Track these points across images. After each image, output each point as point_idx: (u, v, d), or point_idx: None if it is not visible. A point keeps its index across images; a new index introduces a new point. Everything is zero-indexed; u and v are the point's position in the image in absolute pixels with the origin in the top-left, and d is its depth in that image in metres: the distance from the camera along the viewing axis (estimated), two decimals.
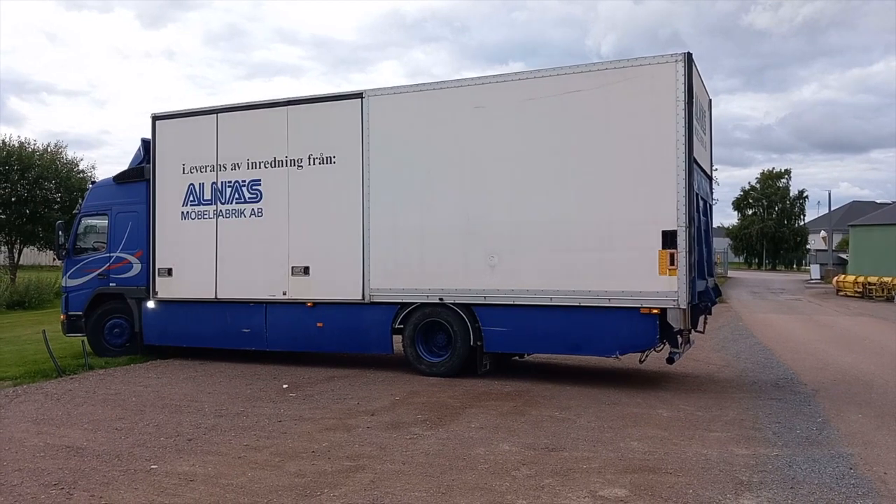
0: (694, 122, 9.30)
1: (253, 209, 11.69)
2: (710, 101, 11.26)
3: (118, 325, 12.91)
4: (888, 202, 59.13)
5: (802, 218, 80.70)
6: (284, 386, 10.06)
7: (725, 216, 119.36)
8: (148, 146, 12.66)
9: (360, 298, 10.89)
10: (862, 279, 32.54)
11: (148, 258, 12.48)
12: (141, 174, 12.71)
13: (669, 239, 9.11)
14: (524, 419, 8.02)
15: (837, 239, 59.17)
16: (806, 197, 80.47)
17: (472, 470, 6.18)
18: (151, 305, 12.48)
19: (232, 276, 11.83)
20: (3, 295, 23.43)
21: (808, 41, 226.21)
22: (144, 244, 12.54)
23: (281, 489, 5.72)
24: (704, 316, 10.66)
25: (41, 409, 8.68)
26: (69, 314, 13.15)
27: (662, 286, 9.14)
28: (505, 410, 8.45)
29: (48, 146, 29.57)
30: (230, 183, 11.85)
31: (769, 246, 79.58)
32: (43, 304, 24.09)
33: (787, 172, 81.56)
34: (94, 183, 16.21)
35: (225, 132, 11.93)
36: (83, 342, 12.36)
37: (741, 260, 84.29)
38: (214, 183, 11.96)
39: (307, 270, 11.27)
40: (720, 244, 55.46)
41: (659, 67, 9.24)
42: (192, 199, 12.13)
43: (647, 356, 10.33)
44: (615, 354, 9.75)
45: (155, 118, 12.47)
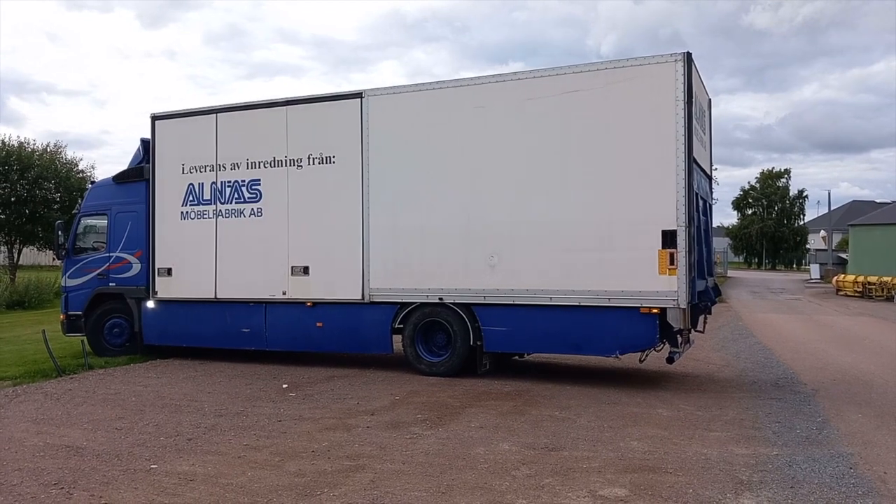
0: (693, 121, 9.30)
1: (252, 209, 11.69)
2: (709, 100, 11.26)
3: (118, 324, 12.91)
4: (888, 202, 59.17)
5: (802, 218, 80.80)
6: (284, 385, 10.06)
7: (725, 216, 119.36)
8: (147, 146, 12.66)
9: (359, 298, 10.89)
10: (862, 279, 32.54)
11: (147, 258, 12.48)
12: (140, 174, 12.71)
13: (669, 238, 9.11)
14: (524, 419, 8.02)
15: (837, 239, 59.16)
16: (806, 197, 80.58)
17: (471, 469, 6.18)
18: (151, 305, 12.48)
19: (231, 275, 11.82)
20: (2, 295, 23.43)
21: (808, 41, 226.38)
22: (144, 244, 12.54)
23: (281, 489, 5.72)
24: (704, 315, 10.66)
25: (41, 408, 8.68)
26: (69, 314, 13.15)
27: (662, 286, 9.14)
28: (505, 410, 8.44)
29: (48, 146, 29.61)
30: (230, 183, 11.85)
31: (769, 246, 79.59)
32: (42, 303, 24.09)
33: (786, 172, 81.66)
34: (93, 183, 16.17)
35: (224, 132, 11.93)
36: (83, 342, 12.36)
37: (741, 259, 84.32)
38: (214, 183, 11.96)
39: (307, 270, 11.26)
40: (720, 244, 55.45)
41: (659, 67, 9.24)
42: (191, 198, 12.13)
43: (646, 356, 10.33)
44: (615, 354, 9.74)
45: (154, 118, 12.47)
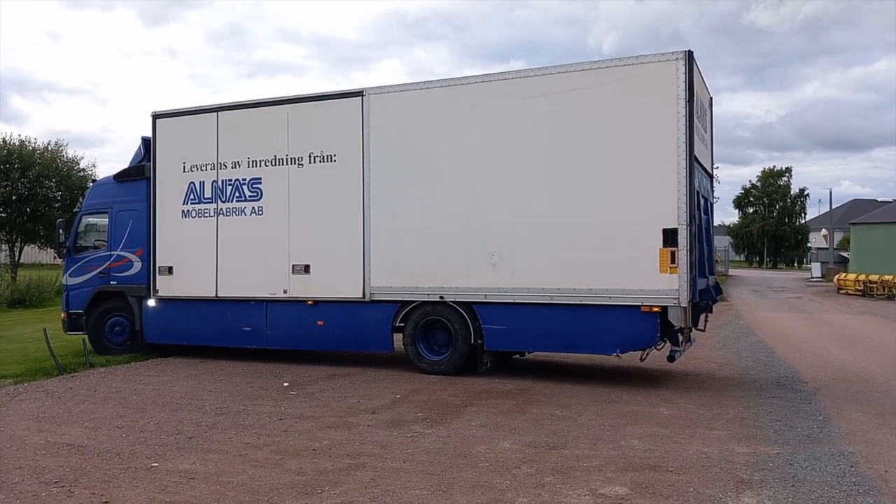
0: (695, 120, 9.29)
1: (253, 207, 11.68)
2: (710, 98, 11.24)
3: (119, 323, 12.91)
4: (889, 200, 59.09)
5: (803, 216, 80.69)
6: (285, 384, 10.06)
7: (726, 214, 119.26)
8: (148, 144, 12.65)
9: (360, 297, 10.89)
10: (863, 277, 32.51)
11: (148, 256, 12.48)
12: (141, 172, 12.71)
13: (670, 237, 9.10)
14: (525, 417, 8.02)
15: (838, 237, 59.11)
16: (807, 195, 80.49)
17: (472, 468, 6.18)
18: (152, 304, 12.48)
19: (232, 274, 11.82)
20: (4, 293, 23.45)
21: (809, 39, 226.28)
22: (145, 242, 12.54)
23: (282, 487, 5.72)
24: (705, 314, 10.65)
25: (42, 407, 8.69)
26: (70, 312, 13.15)
27: (663, 284, 9.13)
28: (505, 408, 8.44)
29: (49, 144, 29.59)
30: (231, 181, 11.84)
31: (770, 244, 79.53)
32: (44, 302, 24.11)
33: (788, 171, 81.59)
34: (94, 181, 16.19)
35: (225, 130, 11.92)
36: (84, 340, 12.38)
37: (742, 258, 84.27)
38: (215, 181, 11.96)
39: (308, 269, 11.26)
40: (721, 242, 55.41)
41: (660, 65, 9.23)
42: (192, 197, 12.12)
43: (647, 354, 10.33)
44: (616, 352, 9.74)
45: (155, 116, 12.46)
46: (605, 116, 9.52)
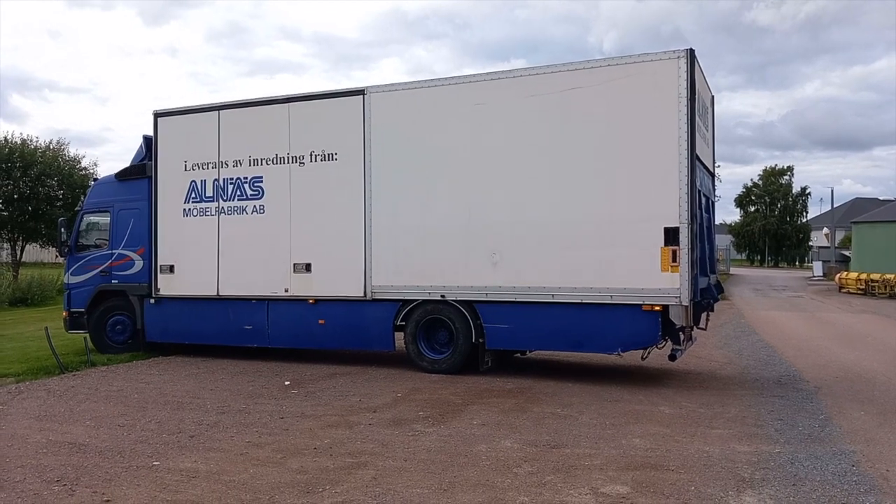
0: (696, 118, 9.27)
1: (255, 206, 11.69)
2: (712, 97, 11.23)
3: (120, 321, 12.92)
4: (891, 199, 59.01)
5: (805, 215, 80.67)
6: (286, 383, 10.07)
7: (728, 213, 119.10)
8: (150, 143, 12.65)
9: (361, 295, 10.89)
10: (864, 276, 32.48)
11: (150, 255, 12.49)
12: (143, 171, 12.71)
13: (671, 236, 9.09)
14: (526, 416, 8.02)
15: (840, 236, 59.06)
16: (808, 194, 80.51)
17: (473, 467, 6.18)
18: (153, 302, 12.49)
19: (234, 273, 11.83)
20: (5, 292, 23.49)
21: (810, 38, 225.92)
22: (146, 241, 12.54)
23: (283, 486, 5.73)
24: (706, 313, 10.64)
25: (43, 405, 8.70)
26: (71, 311, 13.17)
27: (664, 283, 9.13)
28: (507, 407, 8.44)
29: (50, 143, 29.62)
30: (232, 180, 11.85)
31: (771, 243, 79.49)
32: (45, 300, 24.13)
33: (789, 169, 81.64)
34: (96, 180, 16.20)
35: (227, 129, 11.93)
36: (85, 339, 12.39)
37: (743, 257, 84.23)
38: (216, 180, 11.96)
39: (309, 267, 11.26)
40: (722, 241, 55.34)
41: (661, 64, 9.22)
42: (193, 196, 12.13)
43: (649, 353, 10.32)
44: (617, 351, 9.74)
45: (157, 115, 12.46)
46: (606, 115, 9.51)
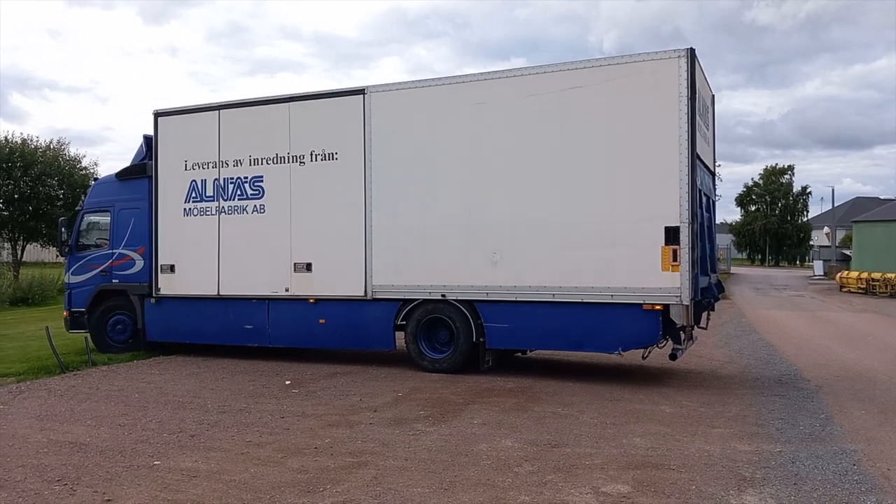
0: (697, 117, 9.27)
1: (255, 206, 11.68)
2: (712, 96, 11.22)
3: (121, 321, 12.93)
4: (891, 198, 58.93)
5: (805, 214, 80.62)
6: (287, 382, 10.07)
7: (728, 212, 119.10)
8: (150, 143, 12.65)
9: (362, 295, 10.89)
10: (865, 275, 32.47)
11: (150, 255, 12.49)
12: (143, 171, 12.71)
13: (672, 235, 9.08)
14: (526, 415, 8.02)
15: (841, 235, 58.92)
16: (809, 193, 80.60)
17: (474, 466, 6.18)
18: (154, 302, 12.49)
19: (234, 272, 11.83)
20: (6, 291, 23.51)
21: (810, 37, 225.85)
22: (147, 241, 12.54)
23: (283, 485, 5.73)
24: (707, 312, 10.62)
25: (44, 405, 8.70)
26: (72, 311, 13.18)
27: (665, 282, 9.12)
28: (507, 407, 8.44)
29: (51, 143, 29.63)
30: (232, 179, 11.85)
31: (772, 242, 79.46)
32: (46, 300, 24.15)
33: (790, 168, 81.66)
34: (96, 179, 16.21)
35: (227, 129, 11.93)
36: (86, 339, 12.40)
37: (744, 256, 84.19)
38: (217, 179, 11.96)
39: (309, 267, 11.26)
40: (723, 240, 55.28)
41: (662, 63, 9.21)
42: (194, 195, 12.13)
43: (649, 352, 10.32)
44: (618, 351, 9.73)
45: (157, 115, 12.47)
46: (607, 114, 9.51)
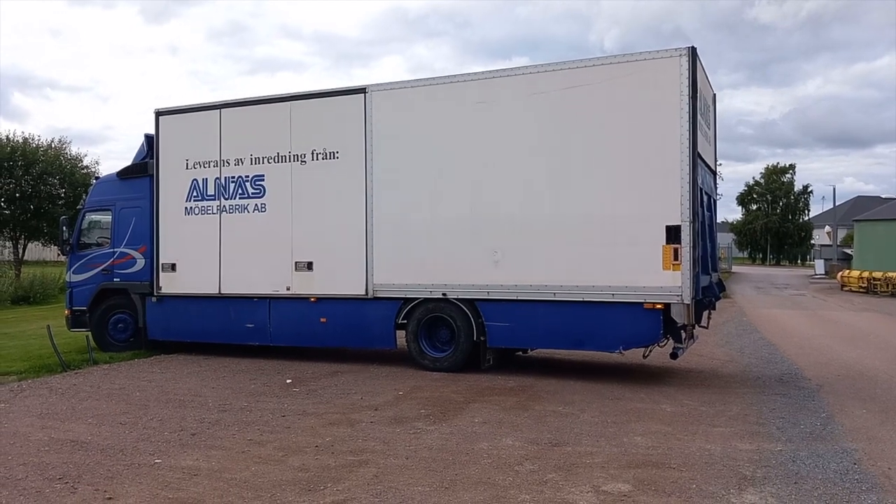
0: (698, 116, 9.26)
1: (256, 204, 11.69)
2: (714, 95, 11.22)
3: (122, 320, 12.94)
4: (893, 197, 58.90)
5: (807, 213, 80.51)
6: (288, 381, 10.08)
7: (729, 211, 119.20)
8: (151, 142, 12.66)
9: (363, 294, 10.89)
10: (867, 274, 32.45)
11: (152, 253, 12.50)
12: (144, 169, 12.72)
13: (673, 234, 9.08)
14: (527, 414, 8.02)
15: (842, 234, 58.90)
16: (810, 192, 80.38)
17: (475, 464, 6.19)
18: (155, 301, 12.50)
19: (235, 271, 11.84)
20: (7, 290, 23.57)
21: (812, 36, 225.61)
22: (148, 239, 12.55)
23: (284, 483, 5.73)
24: (708, 311, 10.63)
25: (46, 403, 8.71)
26: (73, 309, 13.19)
27: (666, 281, 9.12)
28: (508, 405, 8.44)
29: (52, 142, 29.67)
30: (233, 178, 11.85)
31: (773, 241, 79.38)
32: (47, 299, 24.19)
33: (791, 167, 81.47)
34: (97, 178, 16.22)
35: (228, 127, 11.93)
36: (87, 337, 12.40)
37: (745, 255, 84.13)
38: (218, 178, 11.96)
39: (311, 266, 11.27)
40: (724, 239, 55.30)
41: (663, 62, 9.20)
42: (195, 194, 12.13)
43: (650, 351, 10.32)
44: (619, 350, 9.74)
45: (158, 113, 12.47)
46: (608, 113, 9.50)
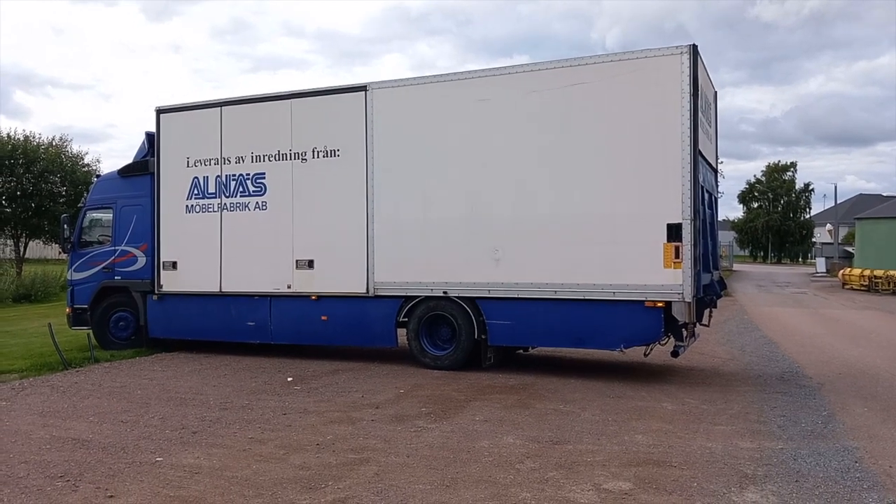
0: (699, 114, 9.25)
1: (257, 202, 11.69)
2: (715, 93, 11.21)
3: (123, 318, 12.95)
4: (894, 195, 58.83)
5: (808, 211, 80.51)
6: (289, 379, 10.08)
7: (731, 209, 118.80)
8: (152, 139, 12.66)
9: (364, 292, 10.89)
10: (868, 272, 32.42)
11: (153, 251, 12.50)
12: (145, 167, 12.71)
13: (674, 232, 9.07)
14: (528, 412, 8.02)
15: (843, 232, 58.85)
16: (812, 190, 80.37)
17: (476, 463, 6.19)
18: (156, 299, 12.50)
19: (236, 269, 11.84)
20: (9, 288, 23.57)
21: (814, 33, 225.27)
22: (149, 237, 12.56)
23: (285, 481, 5.74)
24: (709, 309, 10.63)
25: (47, 401, 8.72)
26: (74, 307, 13.20)
27: (667, 279, 9.11)
28: (509, 403, 8.45)
29: (53, 140, 29.68)
30: (234, 176, 11.85)
31: (775, 239, 79.36)
32: (49, 297, 24.19)
33: (792, 165, 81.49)
34: (98, 176, 16.24)
35: (229, 125, 11.93)
36: (89, 335, 12.41)
37: (746, 253, 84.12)
38: (219, 176, 11.96)
39: (311, 264, 11.27)
40: (725, 237, 55.29)
41: (664, 59, 9.19)
42: (196, 192, 12.13)
43: (651, 349, 10.30)
44: (620, 348, 9.73)
45: (159, 111, 12.47)
46: (609, 111, 9.49)
